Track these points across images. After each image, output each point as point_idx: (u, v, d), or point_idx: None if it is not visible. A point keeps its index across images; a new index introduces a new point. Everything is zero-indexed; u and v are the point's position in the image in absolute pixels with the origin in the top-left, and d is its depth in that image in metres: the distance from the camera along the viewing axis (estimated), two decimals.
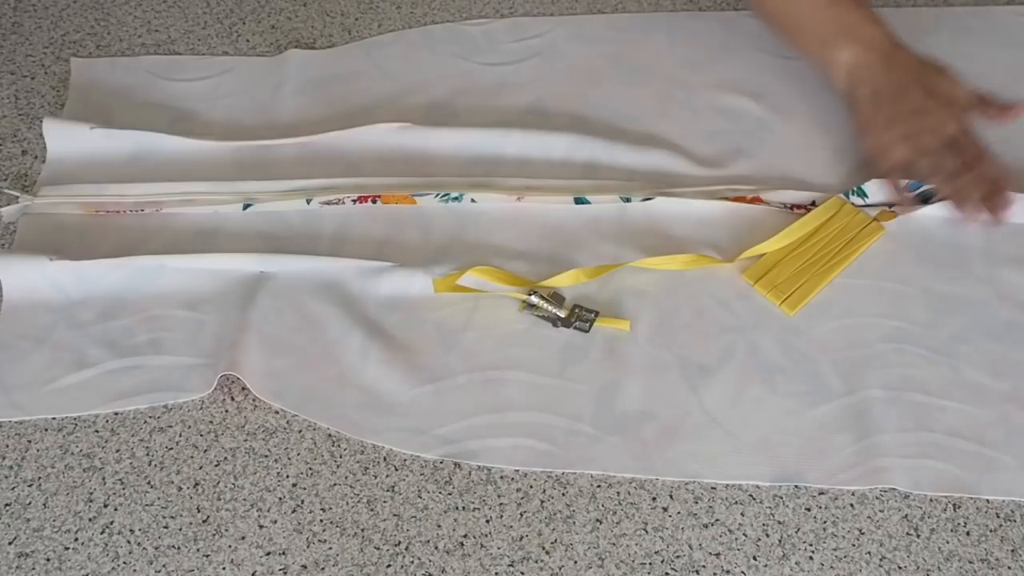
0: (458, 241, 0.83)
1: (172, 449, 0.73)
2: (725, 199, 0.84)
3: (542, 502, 0.69)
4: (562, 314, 0.77)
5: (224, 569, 0.67)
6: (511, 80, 0.95)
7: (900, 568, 0.66)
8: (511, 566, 0.66)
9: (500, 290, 0.79)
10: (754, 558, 0.66)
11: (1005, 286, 0.78)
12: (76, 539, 0.68)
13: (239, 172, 0.88)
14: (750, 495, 0.69)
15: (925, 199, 0.83)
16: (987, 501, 0.68)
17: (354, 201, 0.85)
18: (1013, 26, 0.98)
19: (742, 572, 0.66)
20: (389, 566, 0.67)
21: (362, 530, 0.68)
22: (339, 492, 0.70)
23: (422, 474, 0.71)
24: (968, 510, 0.68)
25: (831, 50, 0.85)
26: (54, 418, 0.74)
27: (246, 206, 0.85)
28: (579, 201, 0.84)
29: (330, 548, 0.67)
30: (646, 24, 1.00)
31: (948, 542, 0.67)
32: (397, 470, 0.71)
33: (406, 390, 0.74)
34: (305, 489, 0.70)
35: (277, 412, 0.74)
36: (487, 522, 0.68)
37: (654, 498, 0.69)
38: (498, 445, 0.71)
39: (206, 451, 0.72)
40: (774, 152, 0.88)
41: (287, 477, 0.71)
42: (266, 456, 0.72)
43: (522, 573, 0.66)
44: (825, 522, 0.68)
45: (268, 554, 0.67)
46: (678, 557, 0.66)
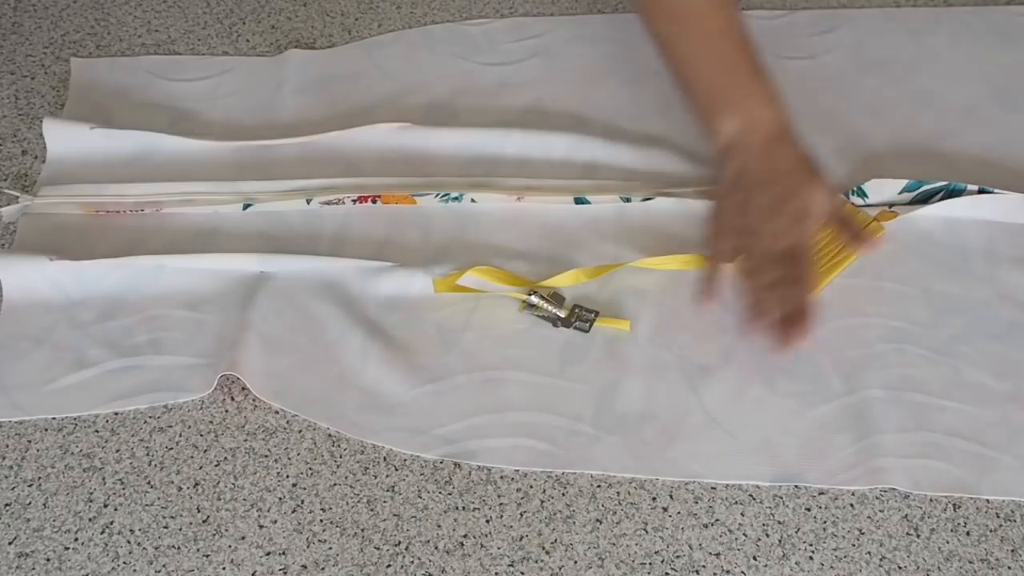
0: (458, 241, 0.83)
1: (172, 449, 0.73)
2: None
3: (542, 502, 0.69)
4: (562, 314, 0.77)
5: (224, 569, 0.67)
6: (511, 80, 0.95)
7: (900, 568, 0.66)
8: (511, 566, 0.66)
9: (500, 290, 0.79)
10: (754, 558, 0.66)
11: (1005, 286, 0.78)
12: (76, 539, 0.68)
13: (239, 172, 0.88)
14: (750, 495, 0.69)
15: (925, 199, 0.83)
16: (987, 501, 0.68)
17: (354, 201, 0.85)
18: (1013, 26, 0.98)
19: (742, 572, 0.66)
20: (389, 566, 0.67)
21: (362, 530, 0.68)
22: (339, 492, 0.70)
23: (422, 474, 0.71)
24: (968, 510, 0.68)
25: (718, 116, 0.79)
26: (54, 418, 0.74)
27: (246, 206, 0.85)
28: (579, 201, 0.84)
29: (330, 548, 0.67)
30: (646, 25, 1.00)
31: (948, 542, 0.67)
32: (397, 470, 0.71)
33: (406, 390, 0.74)
34: (305, 489, 0.70)
35: (277, 412, 0.74)
36: (487, 522, 0.68)
37: (654, 498, 0.69)
38: (498, 445, 0.71)
39: (206, 451, 0.72)
40: None
41: (287, 477, 0.71)
42: (266, 456, 0.72)
43: (522, 573, 0.66)
44: (825, 522, 0.68)
45: (268, 554, 0.67)
46: (678, 557, 0.66)
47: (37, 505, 0.70)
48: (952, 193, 0.83)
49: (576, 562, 0.66)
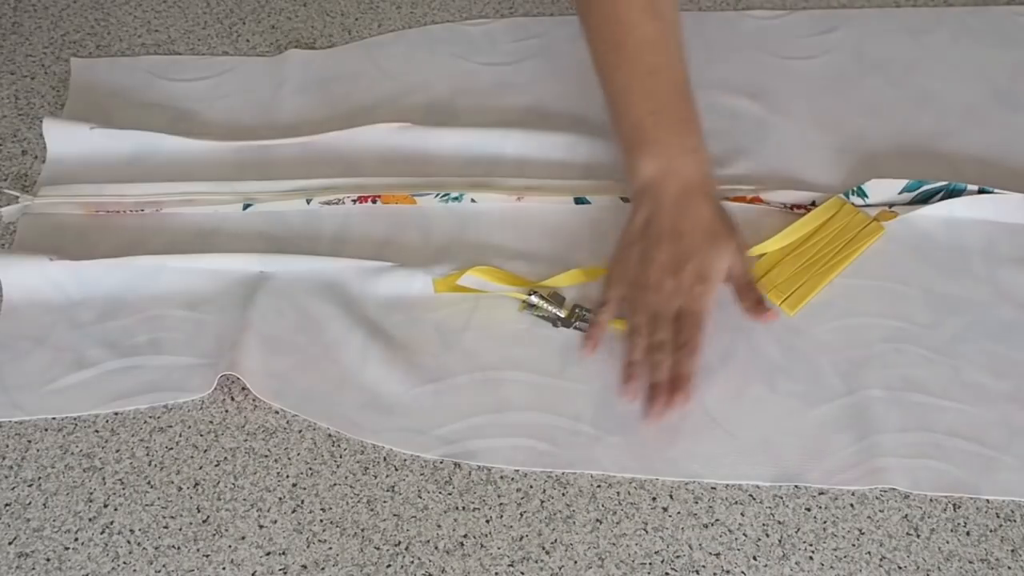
0: (458, 241, 0.83)
1: (172, 449, 0.73)
2: (725, 199, 0.83)
3: (542, 502, 0.69)
4: (562, 314, 0.77)
5: (224, 569, 0.67)
6: (511, 80, 0.95)
7: (900, 568, 0.66)
8: (511, 566, 0.66)
9: (500, 290, 0.79)
10: (754, 558, 0.66)
11: (1005, 286, 0.78)
12: (76, 539, 0.68)
13: (239, 172, 0.88)
14: (750, 495, 0.69)
15: (925, 199, 0.83)
16: (987, 501, 0.68)
17: (354, 201, 0.85)
18: (1013, 26, 0.98)
19: (742, 572, 0.66)
20: (389, 566, 0.67)
21: (362, 530, 0.68)
22: (339, 492, 0.70)
23: (422, 474, 0.71)
24: (968, 510, 0.68)
25: (638, 156, 0.77)
26: (54, 418, 0.74)
27: (246, 206, 0.85)
28: (579, 201, 0.84)
29: (330, 548, 0.67)
30: None
31: (948, 542, 0.67)
32: (397, 470, 0.71)
33: (406, 390, 0.74)
34: (305, 489, 0.70)
35: (277, 412, 0.74)
36: (487, 522, 0.68)
37: (654, 498, 0.69)
38: (498, 445, 0.71)
39: (206, 451, 0.72)
40: (774, 152, 0.88)
41: (287, 477, 0.71)
42: (266, 456, 0.72)
43: (522, 573, 0.66)
44: (825, 522, 0.68)
45: (268, 554, 0.67)
46: (678, 557, 0.66)
47: (37, 505, 0.70)
48: (952, 193, 0.83)
49: (576, 562, 0.66)
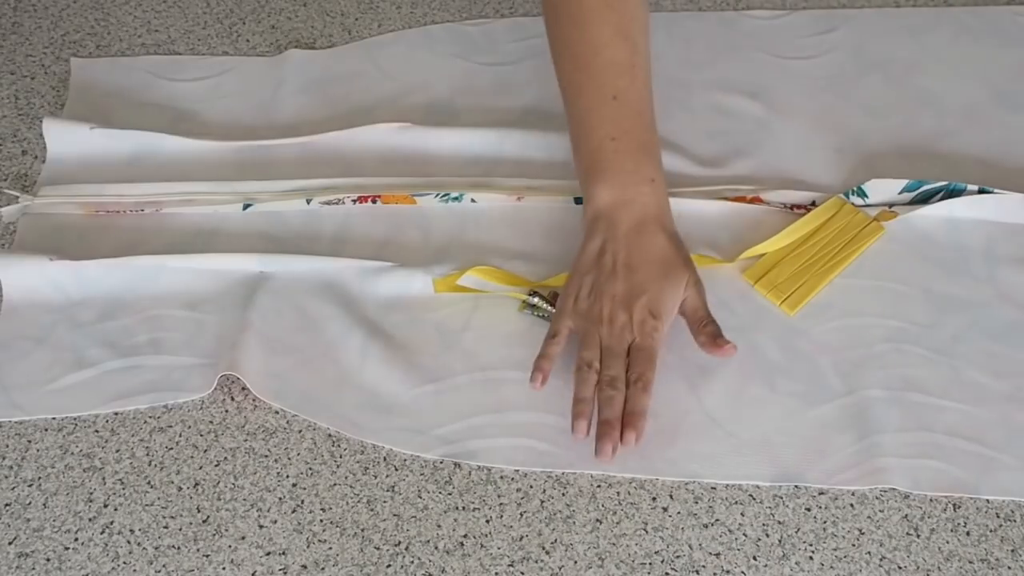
0: (458, 241, 0.83)
1: (172, 449, 0.73)
2: (725, 199, 0.84)
3: (542, 502, 0.69)
4: None
5: (224, 569, 0.67)
6: (511, 80, 0.95)
7: (900, 568, 0.66)
8: (511, 566, 0.66)
9: (500, 290, 0.79)
10: (754, 558, 0.66)
11: (1005, 286, 0.78)
12: (76, 539, 0.68)
13: (239, 172, 0.88)
14: (750, 495, 0.69)
15: (925, 199, 0.83)
16: (987, 501, 0.68)
17: (354, 201, 0.85)
18: (1013, 26, 0.98)
19: (742, 572, 0.66)
20: (389, 566, 0.67)
21: (362, 530, 0.68)
22: (339, 492, 0.70)
23: (422, 474, 0.71)
24: (968, 510, 0.68)
25: (595, 181, 0.76)
26: (54, 418, 0.74)
27: (246, 206, 0.85)
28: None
29: (330, 548, 0.67)
30: None
31: (948, 542, 0.67)
32: (397, 470, 0.71)
33: (406, 390, 0.74)
34: (305, 489, 0.70)
35: (277, 412, 0.74)
36: (487, 522, 0.68)
37: (654, 498, 0.69)
38: (498, 445, 0.71)
39: (206, 451, 0.72)
40: (774, 152, 0.88)
41: (287, 477, 0.71)
42: (266, 456, 0.72)
43: (522, 573, 0.66)
44: (825, 522, 0.68)
45: (268, 554, 0.67)
46: (678, 557, 0.66)
47: (37, 505, 0.70)
48: (952, 193, 0.83)
49: (576, 562, 0.66)
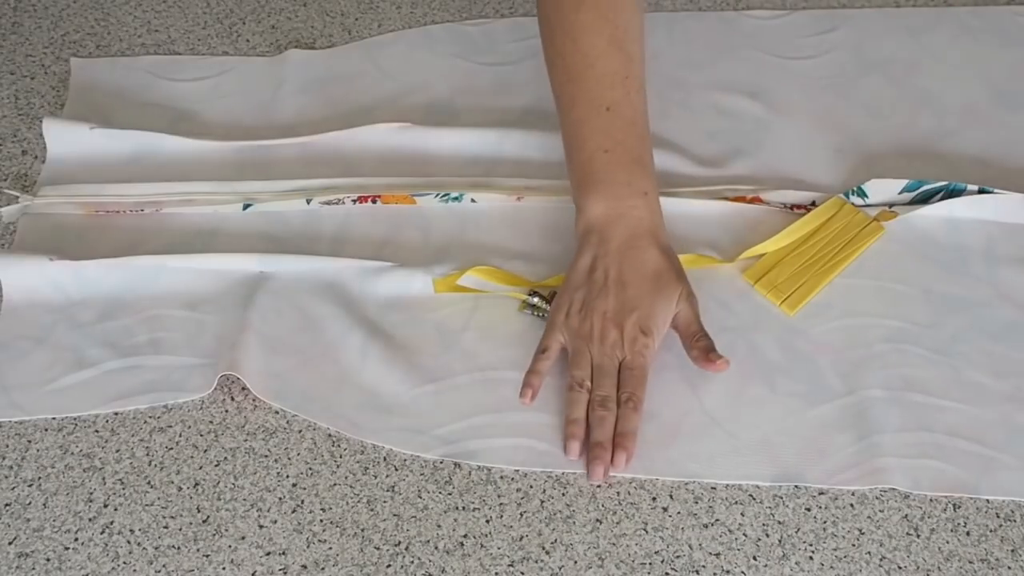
0: (458, 241, 0.83)
1: (172, 449, 0.73)
2: (725, 199, 0.84)
3: (542, 502, 0.69)
4: None
5: (224, 569, 0.67)
6: (511, 80, 0.95)
7: (900, 568, 0.66)
8: (511, 566, 0.66)
9: (500, 290, 0.79)
10: (754, 558, 0.66)
11: (1005, 286, 0.78)
12: (76, 539, 0.68)
13: (239, 172, 0.88)
14: (750, 495, 0.69)
15: (925, 199, 0.83)
16: (987, 501, 0.68)
17: (354, 201, 0.85)
18: (1013, 26, 0.98)
19: (742, 572, 0.66)
20: (389, 566, 0.67)
21: (362, 530, 0.68)
22: (339, 492, 0.70)
23: (422, 474, 0.71)
24: (968, 510, 0.68)
25: (587, 193, 0.75)
26: (54, 418, 0.74)
27: (246, 206, 0.85)
28: None
29: (330, 548, 0.67)
30: (645, 24, 1.00)
31: (948, 542, 0.67)
32: (397, 470, 0.71)
33: (406, 390, 0.74)
34: (305, 489, 0.70)
35: (277, 412, 0.74)
36: (487, 522, 0.68)
37: (654, 498, 0.69)
38: (498, 445, 0.71)
39: (206, 451, 0.72)
40: (774, 152, 0.88)
41: (287, 477, 0.71)
42: (266, 456, 0.72)
43: (522, 573, 0.66)
44: (825, 522, 0.68)
45: (268, 554, 0.67)
46: (678, 557, 0.66)
47: (37, 505, 0.70)
48: (952, 193, 0.83)
49: (576, 562, 0.66)
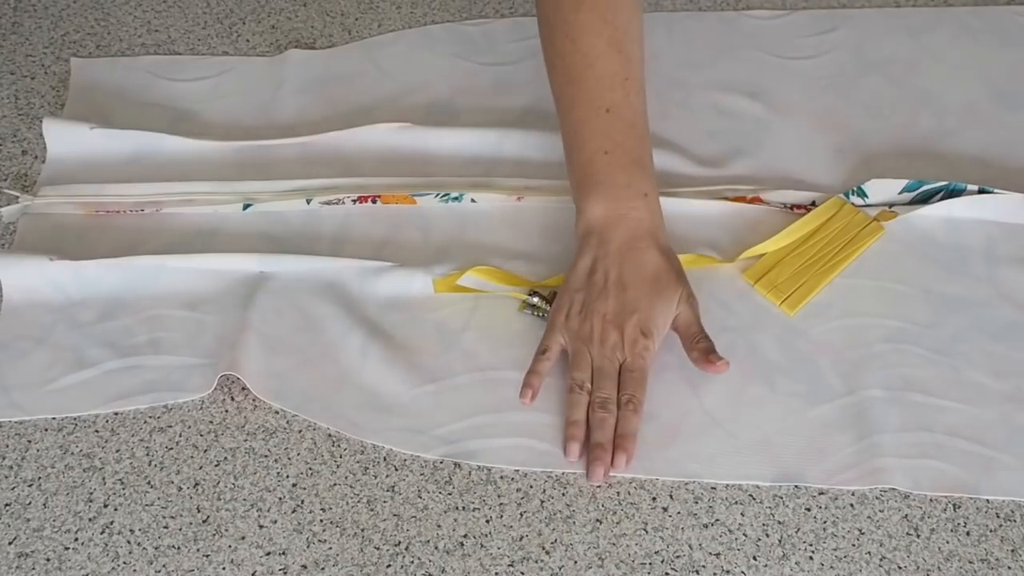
0: (458, 241, 0.83)
1: (172, 449, 0.73)
2: (725, 199, 0.84)
3: (542, 502, 0.69)
4: None
5: (224, 569, 0.67)
6: (511, 80, 0.95)
7: (900, 568, 0.66)
8: (511, 566, 0.66)
9: (500, 290, 0.79)
10: (754, 558, 0.66)
11: (1005, 286, 0.78)
12: (76, 539, 0.68)
13: (239, 172, 0.88)
14: (750, 495, 0.69)
15: (925, 199, 0.83)
16: (987, 501, 0.68)
17: (354, 201, 0.85)
18: (1013, 26, 0.98)
19: (742, 572, 0.66)
20: (389, 566, 0.67)
21: (362, 530, 0.68)
22: (339, 492, 0.70)
23: (422, 474, 0.71)
24: (968, 510, 0.68)
25: (587, 195, 0.75)
26: (54, 418, 0.74)
27: (246, 206, 0.85)
28: None
29: (330, 548, 0.67)
30: (645, 24, 1.00)
31: (948, 542, 0.67)
32: (397, 470, 0.71)
33: (406, 390, 0.74)
34: (305, 489, 0.70)
35: (277, 412, 0.74)
36: (487, 522, 0.68)
37: (654, 498, 0.69)
38: (498, 445, 0.71)
39: (206, 451, 0.72)
40: (774, 152, 0.88)
41: (287, 477, 0.71)
42: (266, 456, 0.72)
43: (522, 573, 0.66)
44: (825, 522, 0.68)
45: (268, 554, 0.67)
46: (678, 557, 0.66)
47: (37, 505, 0.70)
48: (952, 193, 0.83)
49: (576, 562, 0.66)
